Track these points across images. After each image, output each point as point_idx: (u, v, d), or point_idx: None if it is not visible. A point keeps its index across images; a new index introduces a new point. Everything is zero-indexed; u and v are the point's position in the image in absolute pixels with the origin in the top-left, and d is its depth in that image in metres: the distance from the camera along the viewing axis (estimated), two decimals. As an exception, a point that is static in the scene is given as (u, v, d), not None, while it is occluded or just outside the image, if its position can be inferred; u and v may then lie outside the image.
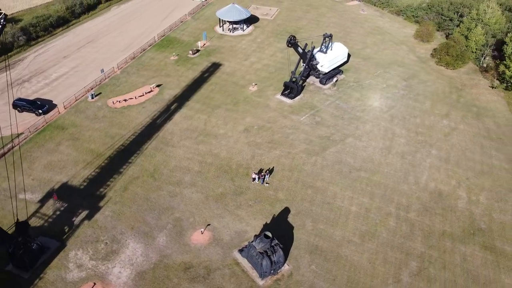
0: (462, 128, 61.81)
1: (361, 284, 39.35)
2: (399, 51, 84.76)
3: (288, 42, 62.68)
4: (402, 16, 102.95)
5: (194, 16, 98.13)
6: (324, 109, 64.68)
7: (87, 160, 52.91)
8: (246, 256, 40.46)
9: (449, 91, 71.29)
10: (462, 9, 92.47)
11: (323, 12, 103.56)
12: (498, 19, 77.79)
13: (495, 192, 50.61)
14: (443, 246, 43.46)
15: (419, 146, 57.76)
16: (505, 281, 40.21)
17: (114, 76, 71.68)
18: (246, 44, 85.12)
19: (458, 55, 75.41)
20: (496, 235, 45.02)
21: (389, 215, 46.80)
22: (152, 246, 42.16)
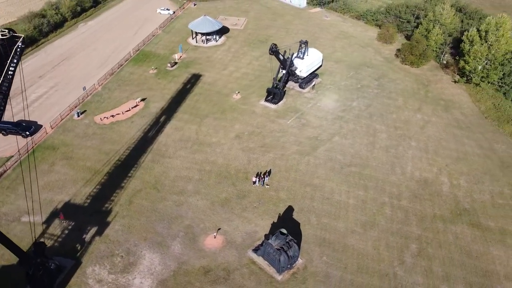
0: (434, 121, 67.27)
1: (370, 269, 42.48)
2: (366, 53, 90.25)
3: (270, 50, 65.60)
4: (363, 20, 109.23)
5: (164, 30, 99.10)
6: (307, 112, 68.06)
7: (86, 178, 52.85)
8: (262, 254, 42.45)
9: (417, 87, 77.10)
10: (417, 11, 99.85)
11: (289, 19, 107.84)
12: (452, 20, 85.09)
13: (472, 175, 55.84)
14: (436, 227, 47.63)
15: (399, 139, 62.37)
16: (494, 253, 44.84)
17: (96, 93, 71.44)
18: (222, 54, 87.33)
19: (421, 54, 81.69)
20: (480, 213, 49.88)
21: (384, 205, 50.53)
22: (168, 255, 43.17)
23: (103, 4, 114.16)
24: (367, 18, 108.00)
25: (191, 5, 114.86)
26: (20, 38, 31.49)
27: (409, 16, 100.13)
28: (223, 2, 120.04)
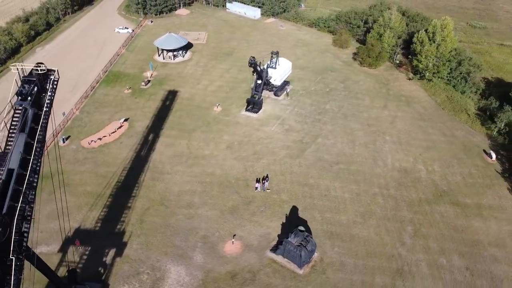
0: (400, 115, 74.47)
1: (378, 252, 47.30)
2: (326, 58, 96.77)
3: (249, 63, 69.11)
4: (316, 27, 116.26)
5: (128, 48, 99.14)
6: (287, 117, 72.40)
7: (90, 202, 52.96)
8: (281, 253, 45.65)
9: (379, 86, 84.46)
10: (365, 17, 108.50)
11: (247, 31, 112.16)
12: (400, 23, 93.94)
13: (443, 161, 63.06)
14: (423, 210, 53.67)
15: (374, 135, 68.53)
16: (475, 225, 51.59)
17: (75, 117, 70.72)
18: (192, 69, 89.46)
19: (377, 56, 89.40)
20: (456, 193, 56.80)
21: (376, 195, 55.87)
22: (193, 265, 45.03)
23: (56, 27, 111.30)
24: (319, 25, 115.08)
25: (148, 23, 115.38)
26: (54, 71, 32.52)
27: (358, 21, 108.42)
28: (179, 18, 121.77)
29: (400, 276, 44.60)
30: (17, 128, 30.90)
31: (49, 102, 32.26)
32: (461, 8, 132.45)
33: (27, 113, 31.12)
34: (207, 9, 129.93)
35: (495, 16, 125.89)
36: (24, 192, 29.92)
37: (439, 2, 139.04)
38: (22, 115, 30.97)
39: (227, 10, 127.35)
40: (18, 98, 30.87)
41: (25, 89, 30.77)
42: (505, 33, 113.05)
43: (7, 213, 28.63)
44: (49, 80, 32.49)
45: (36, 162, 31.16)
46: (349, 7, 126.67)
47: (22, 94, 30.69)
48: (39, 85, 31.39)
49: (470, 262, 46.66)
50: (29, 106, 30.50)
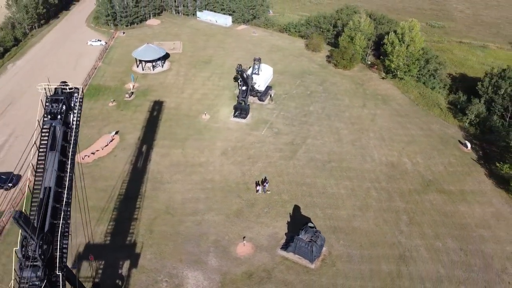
0: (379, 113, 78.99)
1: (380, 242, 50.64)
2: (302, 62, 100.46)
3: (237, 71, 71.07)
4: (287, 33, 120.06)
5: (104, 61, 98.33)
6: (275, 121, 74.98)
7: (95, 217, 52.87)
8: (292, 250, 47.89)
9: (355, 87, 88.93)
10: (334, 21, 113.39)
11: (221, 39, 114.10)
12: (369, 26, 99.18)
13: (424, 153, 67.80)
14: (414, 199, 57.76)
15: (359, 133, 72.44)
16: (462, 210, 56.21)
17: (63, 133, 69.68)
18: (173, 79, 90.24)
19: (351, 58, 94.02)
20: (441, 181, 61.45)
21: (369, 189, 59.43)
22: (209, 269, 46.39)
23: (24, 42, 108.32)
24: (290, 30, 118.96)
25: (120, 34, 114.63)
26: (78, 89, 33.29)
27: (328, 25, 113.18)
28: (150, 28, 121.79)
29: (403, 262, 48.08)
30: (47, 147, 31.36)
31: (77, 119, 32.87)
32: (419, 9, 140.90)
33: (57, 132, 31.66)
34: (177, 18, 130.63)
35: (451, 15, 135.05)
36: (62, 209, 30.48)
37: (397, 4, 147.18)
38: (52, 133, 31.48)
39: (197, 18, 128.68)
40: (48, 117, 31.39)
41: (53, 108, 31.36)
42: (461, 31, 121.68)
43: (49, 231, 29.21)
44: (74, 98, 33.15)
45: (68, 179, 31.72)
46: (315, 12, 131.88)
47: (52, 113, 31.27)
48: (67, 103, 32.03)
49: (463, 243, 50.95)
50: (59, 125, 31.12)
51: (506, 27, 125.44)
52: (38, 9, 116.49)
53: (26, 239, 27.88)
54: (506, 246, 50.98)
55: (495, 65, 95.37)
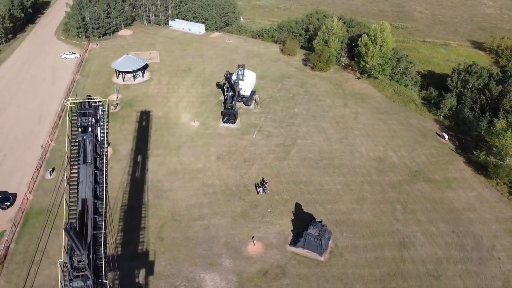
0: (361, 111, 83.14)
1: (381, 231, 53.98)
2: (280, 66, 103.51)
3: (225, 77, 72.83)
4: (260, 38, 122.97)
5: (81, 74, 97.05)
6: (264, 124, 77.29)
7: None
8: (302, 245, 50.19)
9: (334, 88, 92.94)
10: (305, 25, 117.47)
11: (197, 47, 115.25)
12: (341, 29, 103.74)
13: (407, 146, 72.31)
14: (405, 189, 61.75)
15: (344, 131, 76.07)
16: (449, 196, 60.74)
17: (53, 149, 68.86)
18: (157, 88, 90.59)
19: (327, 60, 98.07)
20: (426, 171, 65.94)
21: (362, 183, 62.89)
22: (224, 270, 47.82)
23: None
24: (263, 36, 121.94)
25: (93, 46, 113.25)
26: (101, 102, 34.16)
27: (300, 30, 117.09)
28: (123, 39, 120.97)
29: (404, 247, 51.59)
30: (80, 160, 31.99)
31: (105, 131, 33.69)
32: (381, 11, 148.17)
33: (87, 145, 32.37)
34: (149, 28, 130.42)
35: (411, 16, 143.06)
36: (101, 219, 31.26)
37: (360, 7, 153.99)
38: (83, 146, 32.16)
39: (170, 27, 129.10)
40: (79, 131, 32.09)
41: (83, 121, 32.11)
42: (423, 31, 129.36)
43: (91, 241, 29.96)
44: (100, 110, 33.95)
45: (101, 190, 32.49)
46: (284, 17, 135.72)
47: (82, 127, 32.01)
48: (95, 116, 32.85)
49: (454, 226, 55.24)
50: (90, 137, 31.89)
51: (462, 25, 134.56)
52: (5, 23, 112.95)
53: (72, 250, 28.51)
54: (491, 225, 55.73)
55: (457, 61, 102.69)
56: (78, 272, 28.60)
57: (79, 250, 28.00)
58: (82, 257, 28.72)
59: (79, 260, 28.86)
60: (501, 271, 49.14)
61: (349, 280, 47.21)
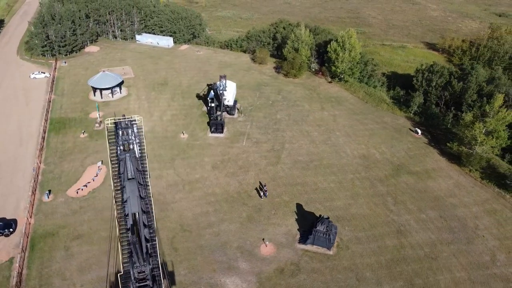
0: (338, 113, 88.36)
1: (378, 223, 58.55)
2: (254, 75, 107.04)
3: (212, 89, 75.03)
4: (229, 48, 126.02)
5: (56, 93, 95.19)
6: (251, 132, 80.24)
7: (113, 246, 53.31)
8: (311, 242, 53.54)
9: (309, 93, 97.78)
10: (272, 34, 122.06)
11: (169, 60, 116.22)
12: (309, 37, 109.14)
13: (386, 143, 78.06)
14: (392, 183, 67.02)
15: (327, 133, 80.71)
16: (431, 185, 66.69)
17: (44, 171, 67.70)
18: (137, 104, 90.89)
19: (299, 67, 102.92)
20: (407, 164, 71.77)
21: (353, 179, 67.50)
22: (243, 272, 50.10)
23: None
24: (232, 46, 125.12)
25: (61, 64, 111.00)
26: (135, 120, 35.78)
27: (268, 39, 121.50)
28: (91, 55, 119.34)
29: (401, 235, 56.42)
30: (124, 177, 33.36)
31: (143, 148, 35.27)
32: (339, 18, 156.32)
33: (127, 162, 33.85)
34: (115, 43, 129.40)
35: (367, 22, 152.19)
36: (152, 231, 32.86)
37: (319, 15, 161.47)
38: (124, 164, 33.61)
39: (137, 42, 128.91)
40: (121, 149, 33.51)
41: (124, 140, 33.61)
42: (380, 35, 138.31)
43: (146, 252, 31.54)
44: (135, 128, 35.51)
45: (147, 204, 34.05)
46: (249, 27, 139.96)
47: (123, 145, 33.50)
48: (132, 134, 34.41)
49: (440, 212, 60.97)
50: (133, 155, 33.45)
51: (414, 28, 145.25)
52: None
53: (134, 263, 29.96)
54: (471, 208, 62.10)
55: (416, 61, 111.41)
56: (140, 283, 30.00)
57: (142, 261, 29.50)
58: (142, 268, 30.18)
59: (139, 272, 30.29)
60: (487, 247, 55.17)
61: (359, 269, 51.13)
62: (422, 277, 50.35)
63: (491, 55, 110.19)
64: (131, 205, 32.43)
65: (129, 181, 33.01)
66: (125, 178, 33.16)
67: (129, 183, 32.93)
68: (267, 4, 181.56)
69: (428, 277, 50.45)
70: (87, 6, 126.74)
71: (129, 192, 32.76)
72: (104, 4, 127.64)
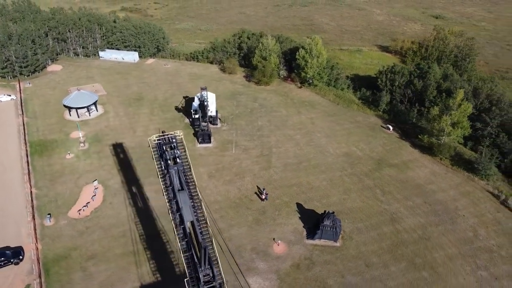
0: (314, 116, 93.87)
1: (373, 213, 64.03)
2: (226, 85, 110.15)
3: (200, 100, 77.23)
4: (195, 60, 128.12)
5: (27, 115, 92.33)
6: (238, 139, 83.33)
7: (130, 261, 54.24)
8: (319, 237, 57.71)
9: (283, 98, 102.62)
10: (237, 44, 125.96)
11: (138, 74, 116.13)
12: (275, 45, 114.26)
13: (363, 140, 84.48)
14: (377, 176, 73.11)
15: (308, 135, 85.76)
16: (411, 175, 73.60)
17: (37, 195, 66.35)
18: (117, 120, 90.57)
19: (270, 75, 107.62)
20: (386, 158, 78.43)
21: (342, 176, 72.80)
22: (263, 272, 53.10)
23: None
24: (198, 58, 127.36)
25: (26, 85, 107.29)
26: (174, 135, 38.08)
27: (233, 49, 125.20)
28: (55, 74, 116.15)
29: (395, 222, 62.25)
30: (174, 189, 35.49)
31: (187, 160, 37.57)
32: (295, 26, 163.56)
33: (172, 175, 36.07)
34: (78, 60, 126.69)
35: (322, 28, 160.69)
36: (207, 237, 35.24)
37: (275, 23, 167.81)
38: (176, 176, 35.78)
39: (101, 58, 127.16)
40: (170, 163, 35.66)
41: (171, 154, 35.84)
42: (336, 40, 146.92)
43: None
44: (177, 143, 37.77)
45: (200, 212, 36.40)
46: (210, 38, 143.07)
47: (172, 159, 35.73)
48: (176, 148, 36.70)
49: (423, 198, 67.75)
50: (181, 168, 35.74)
51: (366, 33, 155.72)
52: None
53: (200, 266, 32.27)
54: (449, 192, 69.57)
55: (374, 63, 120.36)
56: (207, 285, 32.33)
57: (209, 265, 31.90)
58: (206, 271, 32.55)
59: (204, 275, 32.60)
60: (469, 224, 62.46)
61: (365, 256, 56.03)
62: (421, 256, 56.25)
63: (439, 54, 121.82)
64: (186, 214, 34.59)
65: (180, 192, 35.18)
66: (176, 190, 35.29)
67: (180, 194, 35.10)
68: (222, 15, 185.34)
69: (426, 255, 56.45)
70: (45, 25, 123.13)
71: (182, 202, 34.92)
72: (62, 21, 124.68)
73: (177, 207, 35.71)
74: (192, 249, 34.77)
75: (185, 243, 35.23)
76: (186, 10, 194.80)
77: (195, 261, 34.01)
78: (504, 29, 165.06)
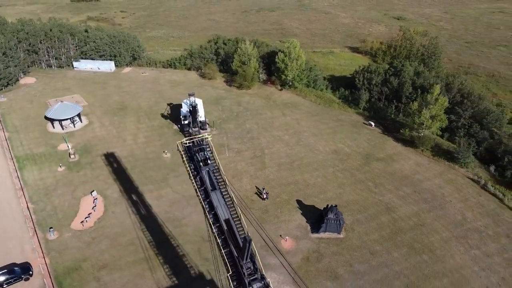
0: (299, 117, 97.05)
1: (369, 205, 67.64)
2: (207, 90, 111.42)
3: (192, 106, 78.33)
4: (172, 67, 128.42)
5: (8, 130, 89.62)
6: (229, 142, 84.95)
7: (144, 267, 54.62)
8: (324, 230, 60.48)
9: (266, 101, 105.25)
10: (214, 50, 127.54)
11: (117, 84, 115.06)
12: (253, 50, 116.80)
13: (348, 137, 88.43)
14: (367, 170, 77.05)
15: (296, 135, 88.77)
16: (397, 167, 78.04)
17: (35, 210, 65.04)
18: (104, 130, 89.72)
19: (251, 79, 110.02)
20: (372, 153, 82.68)
21: (335, 172, 76.16)
22: (276, 267, 55.06)
23: None
24: (176, 65, 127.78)
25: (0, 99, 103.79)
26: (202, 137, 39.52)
27: (211, 55, 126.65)
28: (30, 87, 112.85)
29: (391, 211, 66.12)
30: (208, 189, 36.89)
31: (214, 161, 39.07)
32: (265, 31, 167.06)
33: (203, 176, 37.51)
34: (51, 72, 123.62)
35: (292, 32, 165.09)
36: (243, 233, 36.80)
37: (246, 29, 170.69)
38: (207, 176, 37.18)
39: (75, 69, 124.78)
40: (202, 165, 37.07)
41: (202, 156, 37.28)
42: (307, 43, 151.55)
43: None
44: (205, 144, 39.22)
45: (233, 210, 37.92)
46: (184, 45, 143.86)
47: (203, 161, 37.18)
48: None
49: (412, 187, 72.24)
50: (212, 168, 37.23)
51: (334, 35, 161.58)
52: None
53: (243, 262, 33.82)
54: (434, 180, 74.54)
55: (347, 64, 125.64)
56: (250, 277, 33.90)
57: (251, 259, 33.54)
58: (248, 265, 34.15)
59: (246, 268, 34.17)
60: (457, 209, 67.38)
61: (369, 245, 59.31)
62: (419, 241, 60.24)
63: (407, 53, 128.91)
64: (221, 212, 36.08)
65: (213, 192, 36.65)
66: (208, 190, 36.71)
67: (213, 194, 36.56)
68: (191, 22, 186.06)
69: (424, 240, 60.51)
70: (14, 36, 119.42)
71: (216, 201, 36.39)
72: (33, 33, 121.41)
73: (211, 206, 37.08)
74: (230, 246, 36.18)
75: (222, 240, 36.61)
76: (154, 18, 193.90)
77: (234, 256, 35.44)
78: (460, 28, 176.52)
